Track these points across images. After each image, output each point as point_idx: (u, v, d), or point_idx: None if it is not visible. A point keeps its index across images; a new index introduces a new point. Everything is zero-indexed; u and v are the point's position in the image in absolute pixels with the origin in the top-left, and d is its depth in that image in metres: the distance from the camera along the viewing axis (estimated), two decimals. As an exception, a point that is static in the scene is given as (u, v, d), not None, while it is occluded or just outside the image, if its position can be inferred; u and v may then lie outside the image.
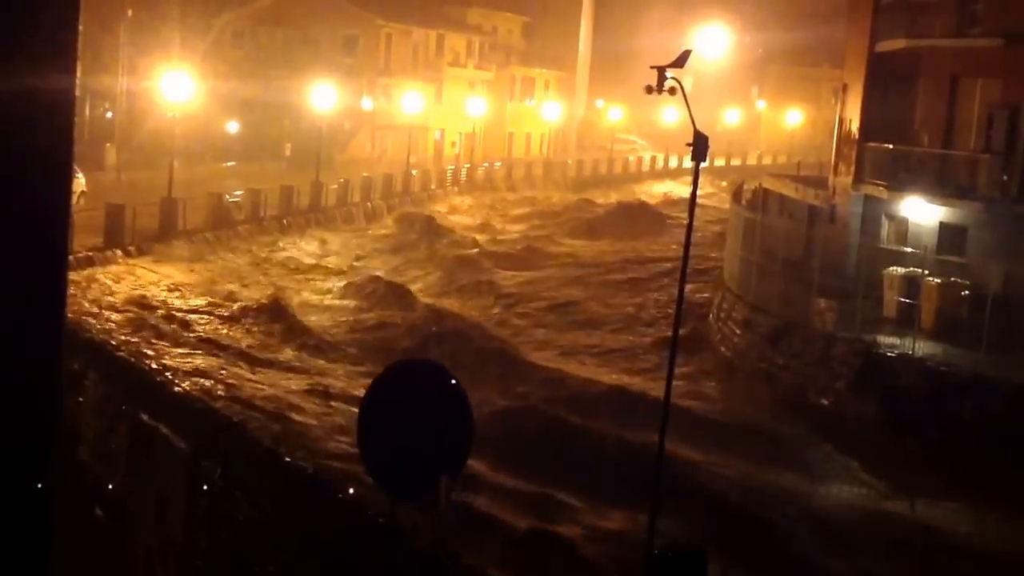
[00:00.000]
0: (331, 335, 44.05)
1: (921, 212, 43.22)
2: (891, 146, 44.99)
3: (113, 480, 16.66)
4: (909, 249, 42.32)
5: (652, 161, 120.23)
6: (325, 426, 31.41)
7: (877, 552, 27.02)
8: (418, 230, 68.13)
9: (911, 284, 38.88)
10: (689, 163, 21.13)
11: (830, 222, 48.29)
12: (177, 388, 24.54)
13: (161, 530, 15.62)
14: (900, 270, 39.94)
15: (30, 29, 4.30)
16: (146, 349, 35.82)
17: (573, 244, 69.89)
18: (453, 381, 10.61)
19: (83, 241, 45.74)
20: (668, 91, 19.82)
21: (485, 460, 27.52)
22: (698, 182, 21.07)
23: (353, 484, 17.40)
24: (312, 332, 43.41)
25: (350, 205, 71.90)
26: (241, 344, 40.23)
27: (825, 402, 35.84)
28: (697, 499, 27.58)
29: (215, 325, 42.19)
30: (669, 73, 19.84)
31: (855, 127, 48.38)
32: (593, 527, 26.81)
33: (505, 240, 70.26)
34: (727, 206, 79.22)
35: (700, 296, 48.78)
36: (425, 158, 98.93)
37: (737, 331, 41.59)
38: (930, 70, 45.99)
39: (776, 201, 56.58)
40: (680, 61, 20.37)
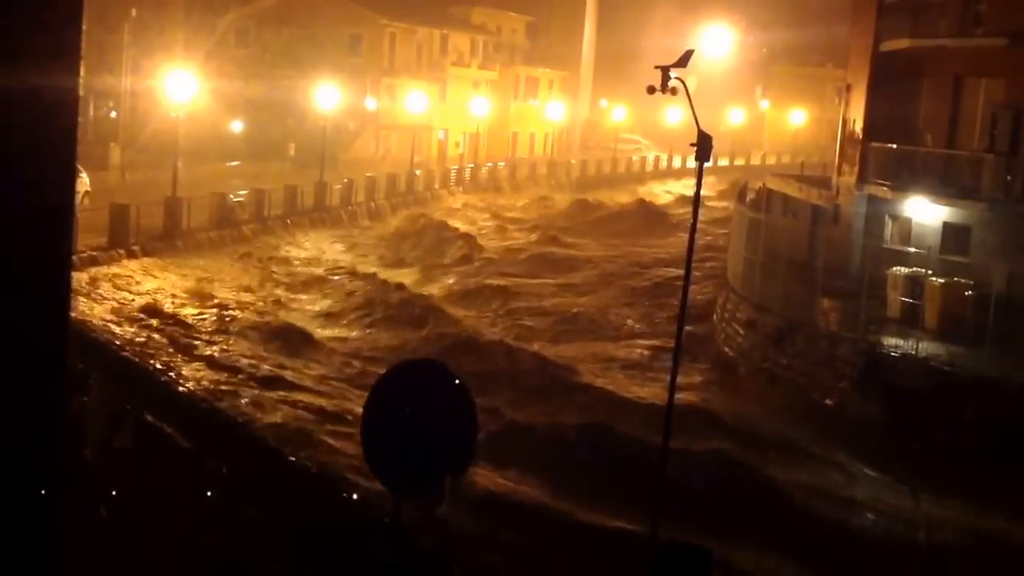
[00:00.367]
0: (345, 348, 42.48)
1: (925, 212, 43.21)
2: (895, 146, 44.97)
3: (118, 480, 16.65)
4: (913, 249, 42.32)
5: (656, 161, 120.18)
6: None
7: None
8: (422, 232, 67.90)
9: (915, 284, 38.90)
10: (693, 163, 21.14)
11: (834, 222, 48.26)
12: (182, 388, 24.55)
13: (166, 530, 15.61)
14: (904, 270, 39.95)
15: (33, 28, 4.31)
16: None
17: (579, 244, 69.56)
18: (457, 381, 10.58)
19: (87, 241, 45.84)
20: (671, 91, 19.83)
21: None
22: (702, 182, 21.09)
23: (358, 483, 17.43)
24: (326, 348, 41.84)
25: (354, 205, 71.93)
26: (258, 365, 38.39)
27: (829, 402, 35.84)
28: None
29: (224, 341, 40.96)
30: (673, 73, 19.85)
31: (859, 127, 48.35)
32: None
33: (510, 242, 69.69)
34: (721, 205, 79.62)
35: (705, 298, 48.72)
36: (429, 158, 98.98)
37: (741, 331, 41.59)
38: (934, 70, 45.97)
39: (780, 201, 56.53)
40: (683, 61, 20.38)
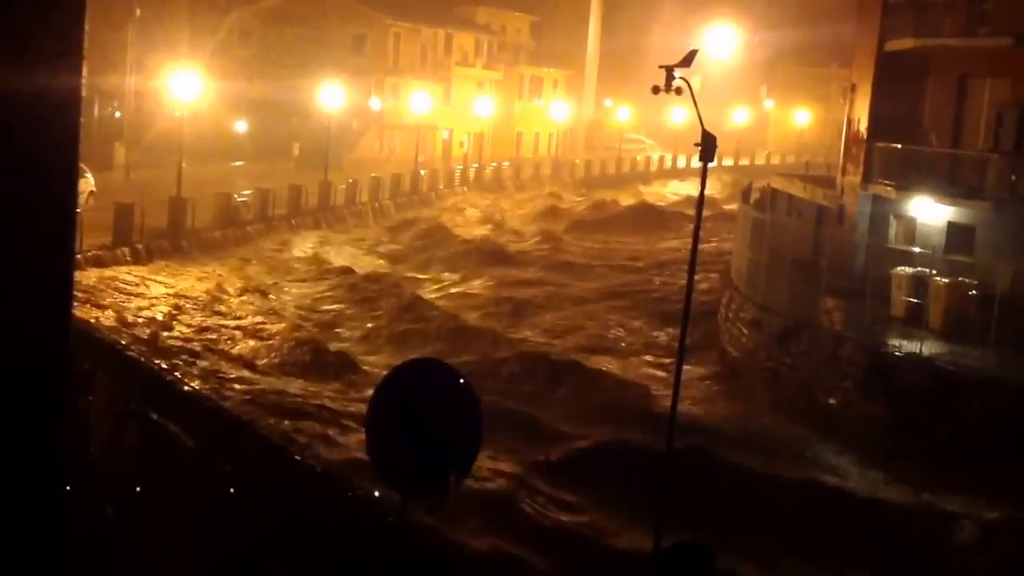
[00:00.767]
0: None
1: (929, 212, 43.19)
2: (899, 146, 44.95)
3: (124, 478, 16.69)
4: (917, 249, 42.32)
5: (660, 161, 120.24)
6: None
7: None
8: (425, 235, 67.63)
9: (919, 284, 38.87)
10: (697, 163, 21.13)
11: (838, 222, 48.24)
12: (186, 387, 24.56)
13: (171, 529, 15.65)
14: (908, 270, 39.93)
15: (37, 28, 4.31)
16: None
17: (586, 244, 69.27)
18: (462, 380, 10.63)
19: (92, 240, 45.91)
20: (676, 91, 19.83)
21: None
22: (706, 182, 21.11)
23: (363, 482, 17.46)
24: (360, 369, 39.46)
25: (358, 205, 71.99)
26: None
27: (833, 402, 35.82)
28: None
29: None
30: (677, 73, 19.84)
31: (863, 126, 48.31)
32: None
33: (517, 245, 69.32)
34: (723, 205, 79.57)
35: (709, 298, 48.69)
36: (433, 158, 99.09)
37: (745, 331, 41.56)
38: (939, 69, 45.96)
39: (784, 201, 56.51)
40: (687, 60, 20.37)
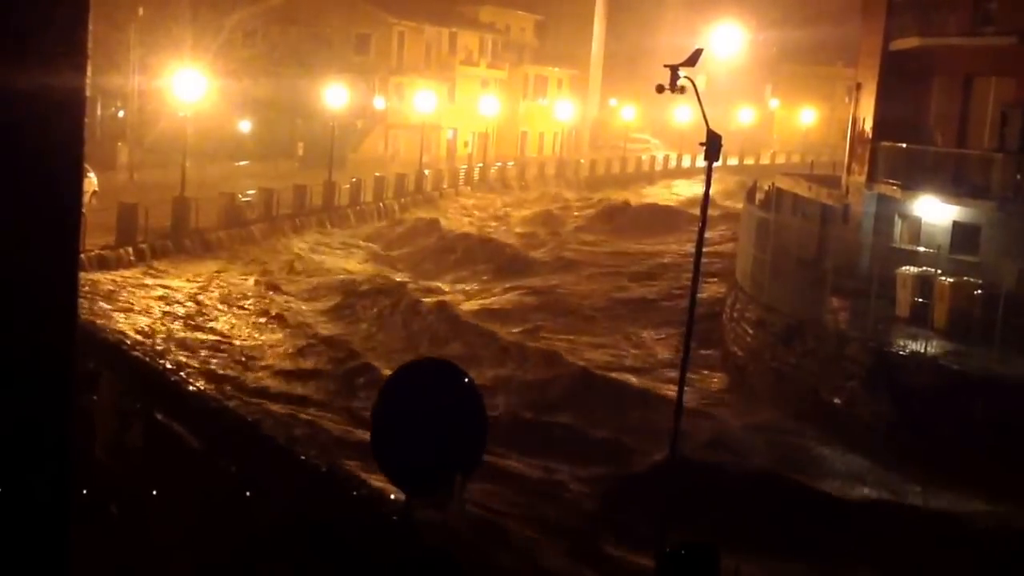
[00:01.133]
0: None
1: (934, 211, 43.15)
2: (905, 145, 44.91)
3: (129, 478, 16.68)
4: (922, 248, 42.28)
5: (665, 160, 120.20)
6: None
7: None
8: (429, 235, 67.38)
9: (924, 283, 38.83)
10: (702, 162, 21.10)
11: (843, 221, 48.21)
12: (191, 387, 24.55)
13: (176, 528, 15.64)
14: (913, 269, 39.88)
15: (40, 27, 4.31)
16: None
17: (598, 248, 68.75)
18: (467, 379, 10.60)
19: (95, 240, 45.95)
20: (680, 90, 19.80)
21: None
22: (711, 182, 21.07)
23: (368, 481, 17.43)
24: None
25: (363, 204, 71.94)
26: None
27: (838, 401, 35.78)
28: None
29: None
30: (682, 72, 19.81)
31: (868, 126, 48.30)
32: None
33: (533, 250, 68.15)
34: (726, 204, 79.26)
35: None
36: (438, 157, 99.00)
37: (750, 331, 41.53)
38: (944, 69, 45.91)
39: (789, 200, 56.48)
40: (692, 60, 20.34)
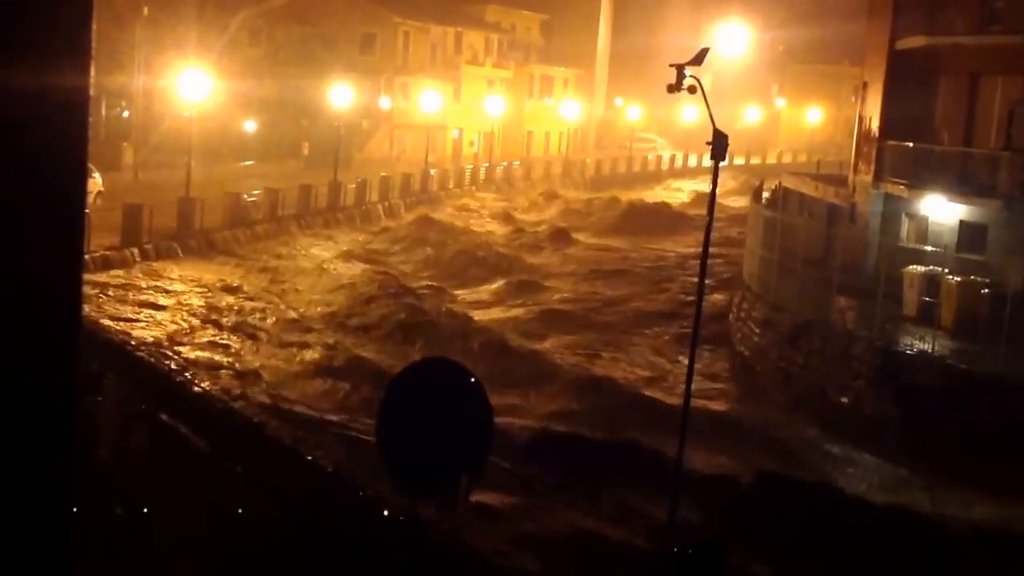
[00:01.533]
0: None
1: (941, 210, 43.09)
2: (911, 144, 44.86)
3: (134, 479, 16.66)
4: (929, 247, 42.24)
5: (671, 160, 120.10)
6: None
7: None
8: (436, 237, 66.98)
9: (931, 282, 38.80)
10: (708, 162, 21.05)
11: (850, 221, 48.16)
12: (197, 388, 24.52)
13: (182, 530, 15.61)
14: (920, 268, 39.85)
15: (42, 27, 4.28)
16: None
17: (612, 251, 68.03)
18: (472, 380, 10.56)
19: (101, 240, 45.92)
20: (687, 89, 19.75)
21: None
22: (717, 181, 21.02)
23: (374, 482, 17.38)
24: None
25: (368, 204, 71.83)
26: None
27: (844, 400, 35.75)
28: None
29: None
30: (688, 71, 19.77)
31: (875, 125, 48.23)
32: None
33: (543, 255, 67.75)
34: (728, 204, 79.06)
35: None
36: (443, 157, 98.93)
37: (757, 330, 41.50)
38: (950, 68, 45.85)
39: (796, 200, 56.43)
40: (698, 59, 20.29)
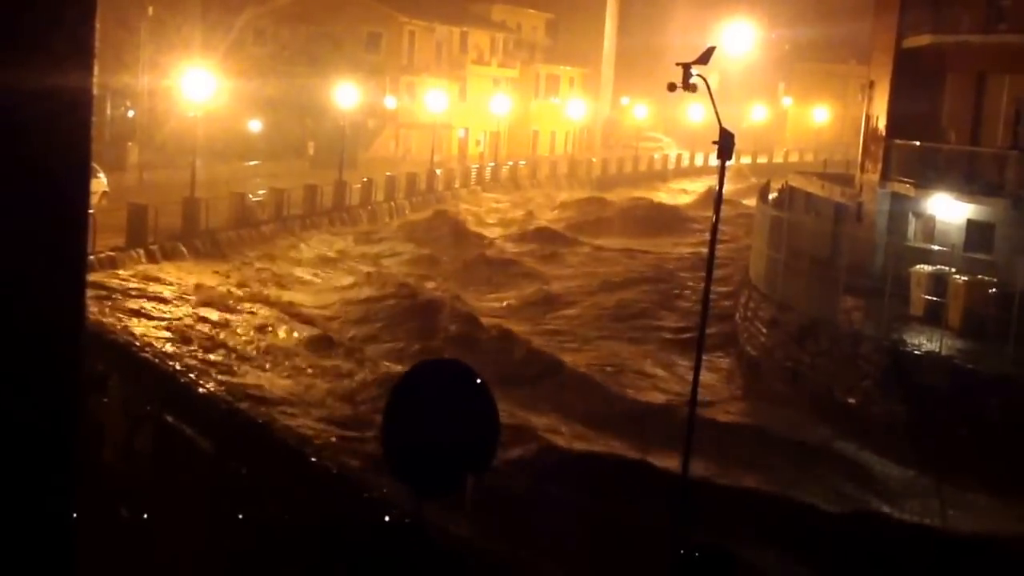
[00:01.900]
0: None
1: (948, 209, 43.01)
2: (918, 143, 44.77)
3: (138, 480, 16.61)
4: (936, 247, 42.14)
5: (677, 159, 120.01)
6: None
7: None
8: (446, 237, 66.75)
9: (938, 282, 38.69)
10: (715, 161, 20.98)
11: (857, 220, 48.07)
12: (202, 389, 24.48)
13: (186, 530, 15.55)
14: (927, 268, 39.76)
15: (47, 27, 4.25)
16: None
17: (626, 254, 67.34)
18: (479, 380, 10.47)
19: (106, 241, 45.87)
20: (693, 88, 19.68)
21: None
22: (724, 180, 20.95)
23: (379, 483, 17.33)
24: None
25: (374, 204, 71.80)
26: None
27: (852, 400, 35.67)
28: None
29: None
30: (694, 70, 19.70)
31: (882, 124, 48.15)
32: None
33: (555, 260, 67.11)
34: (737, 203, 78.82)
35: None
36: (449, 157, 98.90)
37: (764, 330, 41.42)
38: (957, 66, 45.78)
39: (803, 199, 56.36)
40: (704, 58, 20.25)
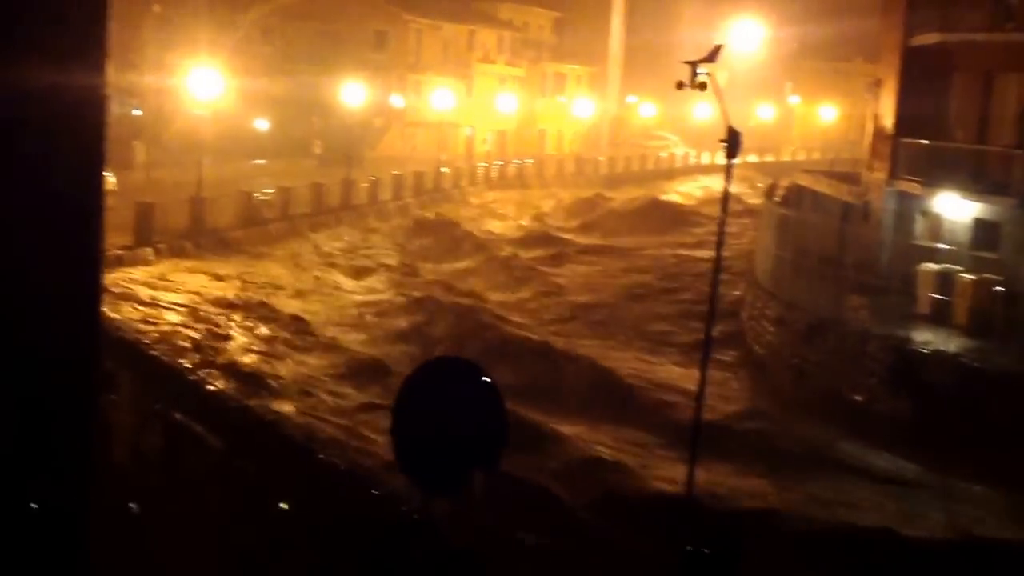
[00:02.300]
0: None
1: (955, 208, 42.99)
2: (926, 142, 44.76)
3: (148, 477, 16.65)
4: (943, 245, 42.14)
5: (684, 158, 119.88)
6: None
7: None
8: (451, 237, 66.63)
9: (945, 280, 38.70)
10: (722, 159, 20.99)
11: (864, 219, 48.06)
12: (210, 387, 24.51)
13: (196, 527, 15.60)
14: (934, 266, 39.76)
15: (59, 27, 4.29)
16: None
17: (645, 258, 66.95)
18: (487, 378, 10.50)
19: (113, 240, 45.87)
20: (701, 86, 19.71)
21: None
22: (731, 179, 20.96)
23: (387, 480, 17.36)
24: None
25: (380, 203, 71.78)
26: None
27: (858, 398, 35.69)
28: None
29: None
30: (702, 68, 19.72)
31: (889, 122, 48.14)
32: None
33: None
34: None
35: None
36: (456, 155, 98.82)
37: (770, 329, 41.44)
38: (964, 65, 45.74)
39: (810, 198, 56.34)
40: (712, 56, 20.26)
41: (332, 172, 71.25)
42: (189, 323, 40.74)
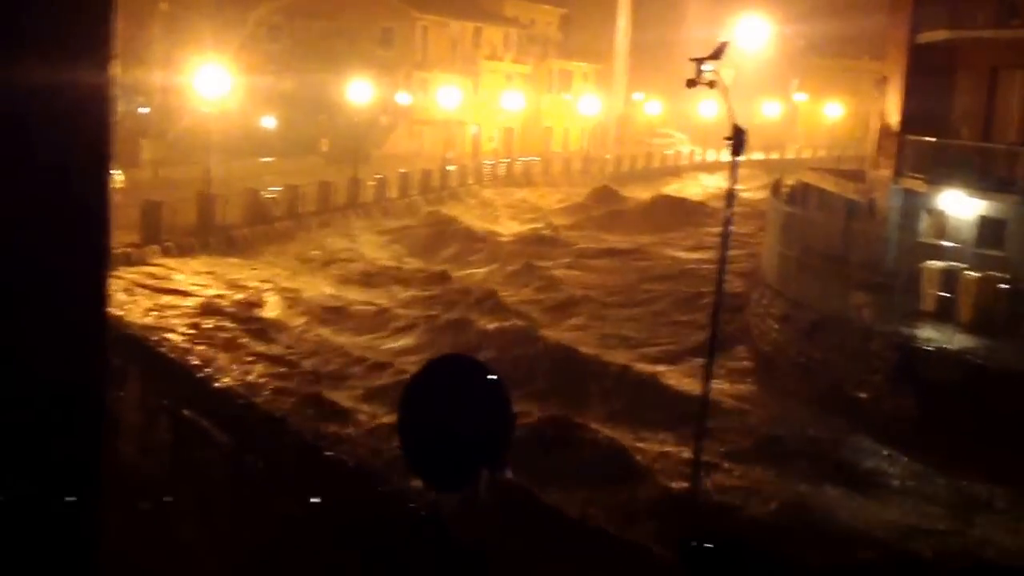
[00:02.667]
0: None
1: (960, 205, 43.00)
2: (931, 139, 44.77)
3: (155, 475, 16.75)
4: (948, 243, 42.17)
5: (690, 155, 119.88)
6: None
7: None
8: (455, 238, 66.48)
9: (949, 278, 38.72)
10: (727, 157, 21.04)
11: (869, 216, 48.08)
12: (218, 383, 24.60)
13: (204, 525, 15.70)
14: (938, 264, 39.78)
15: (67, 23, 4.33)
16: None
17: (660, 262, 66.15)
18: (493, 376, 10.60)
19: (120, 238, 46.04)
20: (708, 84, 19.78)
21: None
22: (737, 176, 21.03)
23: (395, 477, 17.44)
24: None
25: (387, 201, 71.88)
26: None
27: (863, 395, 35.72)
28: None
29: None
30: (708, 66, 19.79)
31: (895, 120, 48.14)
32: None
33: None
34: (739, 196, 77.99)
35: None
36: (463, 153, 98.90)
37: (776, 326, 41.46)
38: (970, 62, 45.75)
39: (815, 195, 56.34)
40: (717, 53, 20.32)
41: (339, 170, 71.37)
42: (197, 321, 40.84)
